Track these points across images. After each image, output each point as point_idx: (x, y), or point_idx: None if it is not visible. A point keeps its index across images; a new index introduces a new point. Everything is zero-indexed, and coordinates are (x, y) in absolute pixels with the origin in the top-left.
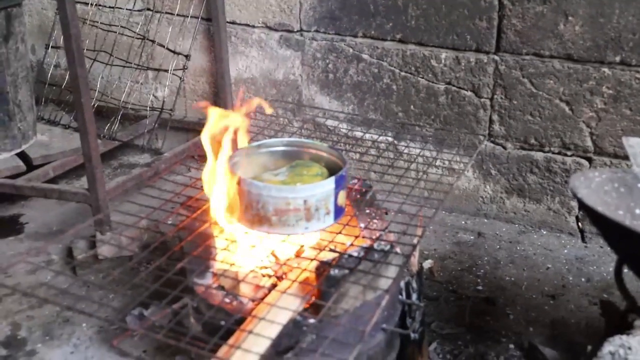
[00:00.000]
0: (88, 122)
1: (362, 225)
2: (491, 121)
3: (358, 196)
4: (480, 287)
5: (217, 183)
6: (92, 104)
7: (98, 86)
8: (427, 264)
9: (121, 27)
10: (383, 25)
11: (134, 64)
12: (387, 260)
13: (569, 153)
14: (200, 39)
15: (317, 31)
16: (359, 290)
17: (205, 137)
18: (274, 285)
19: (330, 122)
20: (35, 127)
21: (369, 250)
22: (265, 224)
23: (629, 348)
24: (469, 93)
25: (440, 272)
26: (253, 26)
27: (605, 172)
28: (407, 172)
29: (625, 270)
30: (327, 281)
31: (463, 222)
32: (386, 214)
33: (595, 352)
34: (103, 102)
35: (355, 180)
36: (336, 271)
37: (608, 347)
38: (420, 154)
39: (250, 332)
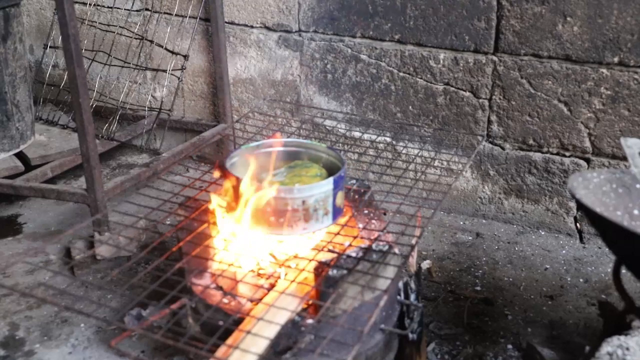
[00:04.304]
0: (86, 122)
1: (361, 225)
2: (489, 122)
3: (356, 197)
4: (478, 288)
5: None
6: (91, 104)
7: (96, 86)
8: (425, 264)
9: (119, 27)
10: (381, 26)
11: (132, 64)
12: (385, 260)
13: (567, 154)
14: (199, 39)
15: (315, 31)
16: (358, 290)
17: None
18: (272, 286)
19: (328, 123)
20: (33, 127)
21: (367, 250)
22: (264, 224)
23: (627, 349)
24: (467, 94)
25: (438, 272)
26: (251, 26)
27: (604, 173)
28: (406, 173)
29: (624, 270)
30: (325, 281)
31: (461, 223)
32: (384, 214)
33: (593, 353)
34: (101, 102)
35: (354, 181)
36: (335, 271)
37: (606, 348)
38: (419, 154)
39: (248, 332)
